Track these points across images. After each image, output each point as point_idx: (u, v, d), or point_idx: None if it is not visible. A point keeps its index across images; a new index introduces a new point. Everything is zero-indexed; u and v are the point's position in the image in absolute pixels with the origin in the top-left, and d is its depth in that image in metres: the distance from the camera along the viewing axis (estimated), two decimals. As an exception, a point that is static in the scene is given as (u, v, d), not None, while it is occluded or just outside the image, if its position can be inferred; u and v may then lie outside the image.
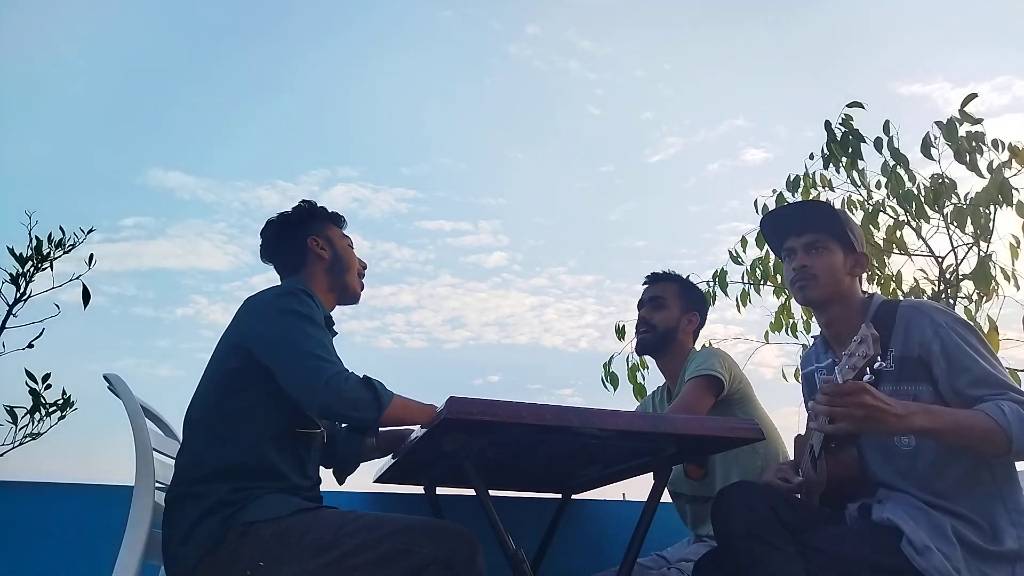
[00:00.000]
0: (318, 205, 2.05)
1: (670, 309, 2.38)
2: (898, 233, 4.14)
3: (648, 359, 2.54)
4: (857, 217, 4.31)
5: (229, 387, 1.71)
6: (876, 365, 1.51)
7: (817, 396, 1.53)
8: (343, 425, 2.01)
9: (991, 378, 1.59)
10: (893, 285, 4.18)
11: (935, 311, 1.71)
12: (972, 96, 3.74)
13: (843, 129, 4.05)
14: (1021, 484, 1.65)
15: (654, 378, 5.04)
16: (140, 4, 6.45)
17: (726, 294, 4.45)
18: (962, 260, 4.00)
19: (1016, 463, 1.66)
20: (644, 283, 2.49)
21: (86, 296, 3.06)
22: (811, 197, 4.41)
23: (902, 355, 1.68)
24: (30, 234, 3.07)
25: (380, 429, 1.92)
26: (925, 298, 4.07)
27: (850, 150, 4.06)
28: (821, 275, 1.80)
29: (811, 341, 2.09)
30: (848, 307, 1.81)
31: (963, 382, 1.60)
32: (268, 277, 2.03)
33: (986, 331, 3.66)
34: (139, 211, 6.90)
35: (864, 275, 1.91)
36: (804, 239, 1.84)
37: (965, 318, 1.73)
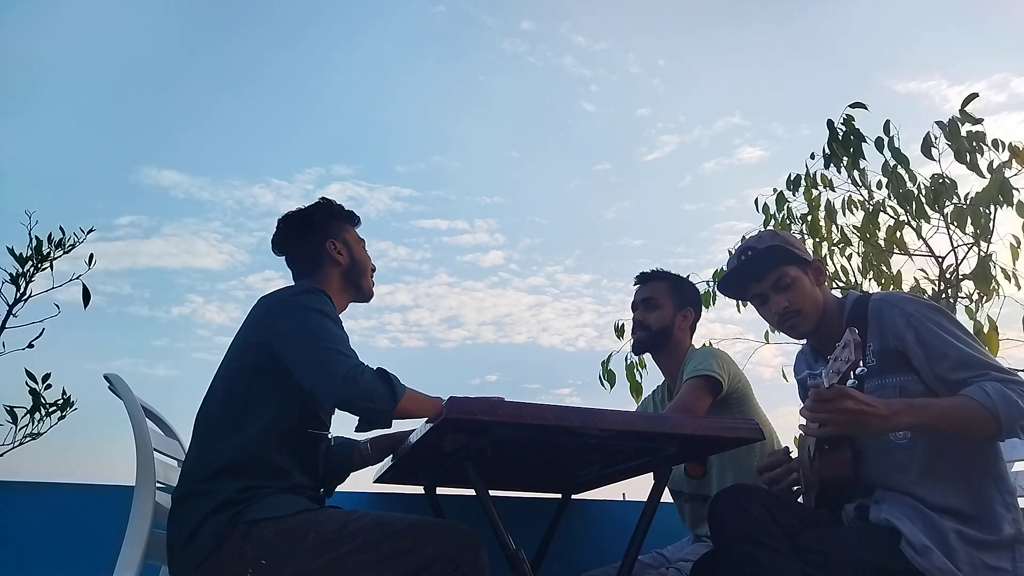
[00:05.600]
0: (336, 203, 2.04)
1: (663, 308, 2.38)
2: (898, 233, 4.14)
3: (647, 357, 2.53)
4: (857, 217, 4.32)
5: (247, 385, 1.71)
6: (858, 370, 1.52)
7: (806, 402, 1.55)
8: (357, 418, 2.02)
9: (970, 359, 1.60)
10: (893, 285, 4.19)
11: (904, 301, 1.72)
12: (973, 96, 3.75)
13: (844, 129, 4.05)
14: (1005, 462, 1.68)
15: (652, 376, 5.04)
16: (135, 3, 6.44)
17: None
18: (962, 260, 4.01)
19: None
20: (635, 284, 2.49)
21: (86, 296, 3.06)
22: (812, 197, 4.42)
23: (880, 348, 1.69)
24: (30, 234, 3.07)
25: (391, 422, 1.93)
26: (925, 298, 4.07)
27: (851, 150, 4.06)
28: (804, 306, 1.81)
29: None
30: (829, 316, 1.83)
31: (944, 368, 1.61)
32: (264, 276, 2.05)
33: (986, 331, 3.66)
34: (134, 210, 6.89)
35: (866, 276, 1.93)
36: (768, 280, 1.84)
37: (935, 303, 1.74)
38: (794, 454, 1.99)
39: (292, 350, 1.68)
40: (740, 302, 4.47)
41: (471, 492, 1.68)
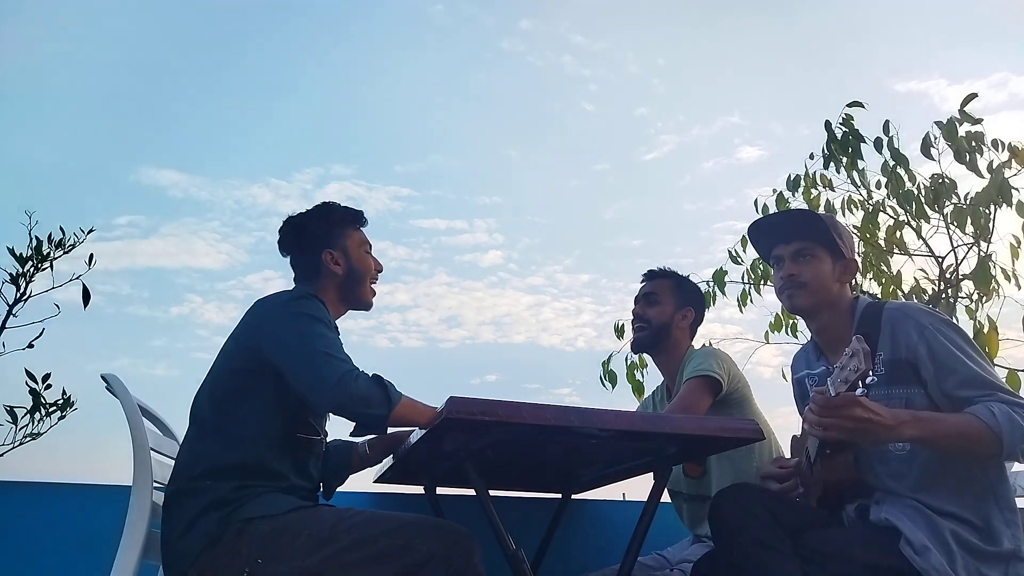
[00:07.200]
0: (338, 207, 2.01)
1: (663, 304, 2.38)
2: (898, 233, 4.14)
3: (647, 358, 2.53)
4: (857, 217, 4.31)
5: (234, 388, 1.72)
6: (869, 379, 1.52)
7: (809, 406, 1.54)
8: (352, 425, 2.01)
9: (979, 379, 1.59)
10: (893, 285, 4.18)
11: (920, 313, 1.71)
12: (972, 96, 3.74)
13: (843, 129, 4.04)
14: (1010, 482, 1.66)
15: (653, 377, 5.04)
16: (134, 3, 6.44)
17: (724, 294, 4.45)
18: (962, 260, 4.00)
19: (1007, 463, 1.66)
20: (641, 280, 2.49)
21: (86, 296, 3.06)
22: (812, 197, 4.41)
23: (891, 358, 1.68)
24: (30, 234, 3.06)
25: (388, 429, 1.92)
26: (926, 298, 4.07)
27: (850, 150, 4.06)
28: (810, 283, 1.80)
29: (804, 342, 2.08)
30: (838, 314, 1.81)
31: (951, 384, 1.61)
32: (263, 276, 2.05)
33: (986, 331, 3.66)
34: (132, 210, 6.87)
35: (866, 276, 1.92)
36: (792, 247, 1.83)
37: (950, 318, 1.73)
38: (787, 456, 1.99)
39: (285, 355, 1.67)
40: (742, 299, 4.48)
41: (471, 492, 1.68)
